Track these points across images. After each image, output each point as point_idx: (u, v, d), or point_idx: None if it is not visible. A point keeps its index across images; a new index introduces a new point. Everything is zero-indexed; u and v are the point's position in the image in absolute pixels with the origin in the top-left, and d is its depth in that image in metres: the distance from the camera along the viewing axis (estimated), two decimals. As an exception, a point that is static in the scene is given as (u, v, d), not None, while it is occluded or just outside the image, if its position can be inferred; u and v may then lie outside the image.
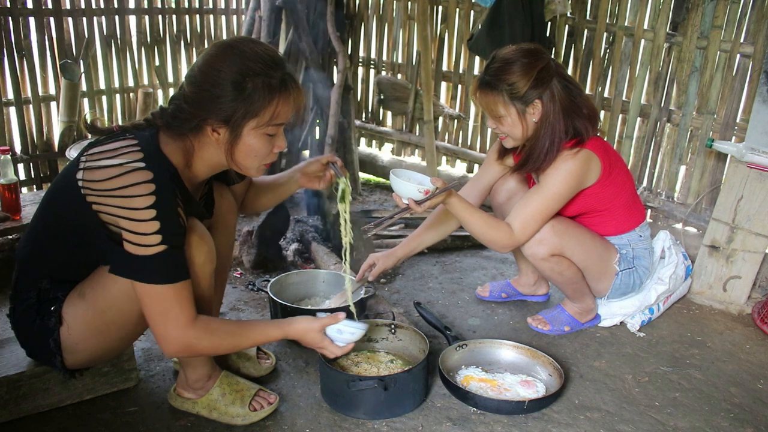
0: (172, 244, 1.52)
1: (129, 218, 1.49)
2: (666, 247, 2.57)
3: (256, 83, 1.54)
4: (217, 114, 1.56)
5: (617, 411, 2.01)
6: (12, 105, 3.41)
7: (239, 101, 1.54)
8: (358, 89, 4.42)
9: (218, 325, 1.64)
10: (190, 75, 1.60)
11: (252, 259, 2.81)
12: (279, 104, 1.58)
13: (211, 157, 1.65)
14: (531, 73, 2.06)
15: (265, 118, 1.58)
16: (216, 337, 1.62)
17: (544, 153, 2.12)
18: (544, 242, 2.19)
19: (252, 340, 1.69)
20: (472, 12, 3.79)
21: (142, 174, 1.50)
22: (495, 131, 2.22)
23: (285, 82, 1.59)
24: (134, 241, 1.50)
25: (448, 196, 2.07)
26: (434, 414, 1.95)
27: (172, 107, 1.62)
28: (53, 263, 1.67)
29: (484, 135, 4.00)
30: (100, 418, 1.86)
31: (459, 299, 2.71)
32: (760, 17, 2.85)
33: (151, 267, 1.51)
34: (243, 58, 1.55)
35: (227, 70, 1.54)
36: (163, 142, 1.60)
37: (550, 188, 2.14)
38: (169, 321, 1.55)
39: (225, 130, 1.58)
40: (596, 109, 2.25)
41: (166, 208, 1.51)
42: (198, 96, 1.56)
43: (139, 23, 3.85)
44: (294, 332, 1.73)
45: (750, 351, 2.41)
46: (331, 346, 1.75)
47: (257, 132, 1.59)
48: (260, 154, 1.64)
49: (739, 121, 2.99)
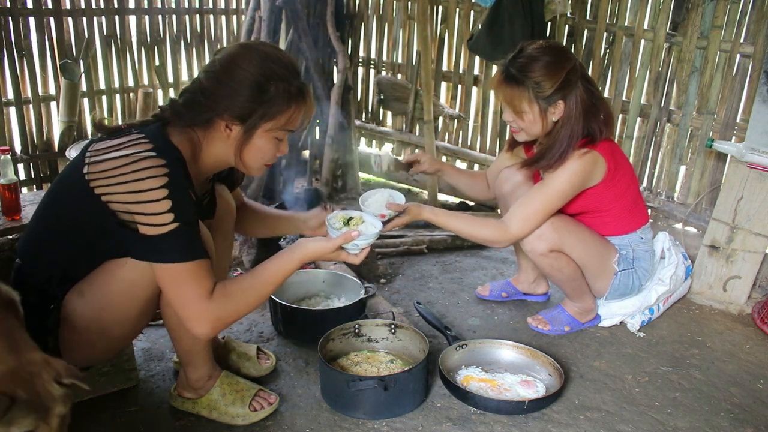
0: (185, 221, 1.50)
1: (141, 201, 1.48)
2: (666, 247, 2.57)
3: (278, 87, 1.57)
4: (234, 110, 1.57)
5: (617, 411, 2.01)
6: (12, 105, 3.42)
7: (259, 102, 1.57)
8: (358, 89, 4.41)
9: (235, 287, 1.60)
10: (209, 69, 1.62)
11: (252, 259, 2.81)
12: (295, 111, 1.62)
13: (218, 153, 1.66)
14: (559, 74, 2.06)
15: (280, 122, 1.61)
16: (238, 299, 1.58)
17: (560, 153, 2.13)
18: (543, 238, 2.19)
19: (273, 283, 1.65)
20: (472, 12, 3.79)
21: (154, 160, 1.50)
22: (511, 124, 2.22)
23: (303, 91, 1.64)
24: (147, 222, 1.49)
25: (417, 215, 2.08)
26: (434, 414, 1.95)
27: (184, 98, 1.63)
28: (56, 264, 1.66)
29: (484, 135, 4.00)
30: (100, 418, 1.86)
31: (459, 299, 2.72)
32: (760, 17, 2.85)
33: (166, 246, 1.50)
34: (267, 60, 1.58)
35: (250, 68, 1.56)
36: (170, 133, 1.61)
37: (553, 186, 2.15)
38: (189, 300, 1.53)
39: (239, 128, 1.59)
40: (612, 114, 2.26)
41: (178, 187, 1.51)
42: (216, 89, 1.58)
43: (139, 23, 3.85)
44: (311, 256, 1.69)
45: (750, 351, 2.41)
46: (349, 257, 1.73)
47: (269, 135, 1.62)
48: (266, 155, 1.67)
49: (739, 121, 2.99)
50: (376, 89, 4.35)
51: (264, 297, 1.66)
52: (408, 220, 2.06)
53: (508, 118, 2.20)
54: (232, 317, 1.61)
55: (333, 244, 1.69)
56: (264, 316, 2.47)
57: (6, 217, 2.57)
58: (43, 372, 1.25)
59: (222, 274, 2.04)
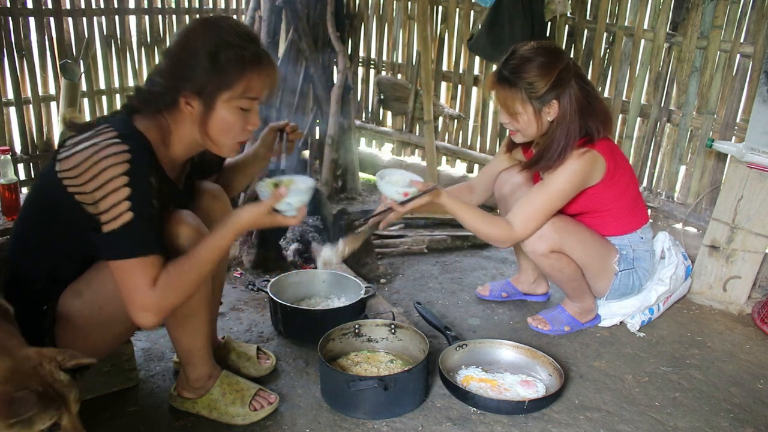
0: (139, 212, 1.49)
1: (103, 189, 1.47)
2: (666, 247, 2.57)
3: (229, 54, 1.54)
4: (190, 84, 1.55)
5: (617, 411, 2.01)
6: (12, 105, 3.41)
7: (212, 72, 1.54)
8: (358, 89, 4.41)
9: (176, 271, 1.56)
10: (166, 49, 1.62)
11: (252, 259, 2.81)
12: (252, 77, 1.58)
13: (187, 135, 1.64)
14: (551, 74, 2.07)
15: (238, 90, 1.57)
16: (180, 284, 1.55)
17: (557, 153, 2.13)
18: (544, 238, 2.19)
19: (212, 260, 1.61)
20: (472, 12, 3.79)
21: (116, 147, 1.49)
22: (507, 126, 2.22)
23: (258, 56, 1.59)
24: (106, 212, 1.48)
25: (437, 196, 2.06)
26: (434, 414, 1.95)
27: (147, 83, 1.62)
28: (40, 266, 1.67)
29: (484, 135, 4.00)
30: (100, 418, 1.86)
31: (459, 299, 2.71)
32: (760, 17, 2.85)
33: (119, 242, 1.49)
34: (218, 30, 1.56)
35: (202, 40, 1.55)
36: (137, 121, 1.60)
37: (554, 186, 2.15)
38: (134, 292, 1.51)
39: (198, 102, 1.57)
40: (610, 113, 2.26)
41: (139, 177, 1.49)
42: (172, 67, 1.57)
43: (139, 23, 3.85)
44: (246, 225, 1.65)
45: (750, 351, 2.41)
46: (286, 218, 1.68)
47: (230, 105, 1.58)
48: (233, 129, 1.62)
49: (739, 121, 2.99)
50: (376, 89, 4.35)
51: (205, 276, 1.63)
52: (425, 202, 2.03)
53: (504, 120, 2.20)
54: (176, 303, 1.59)
55: (264, 208, 1.63)
56: (264, 316, 2.47)
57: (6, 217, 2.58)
58: (43, 362, 1.25)
59: (220, 275, 2.05)
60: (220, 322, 2.39)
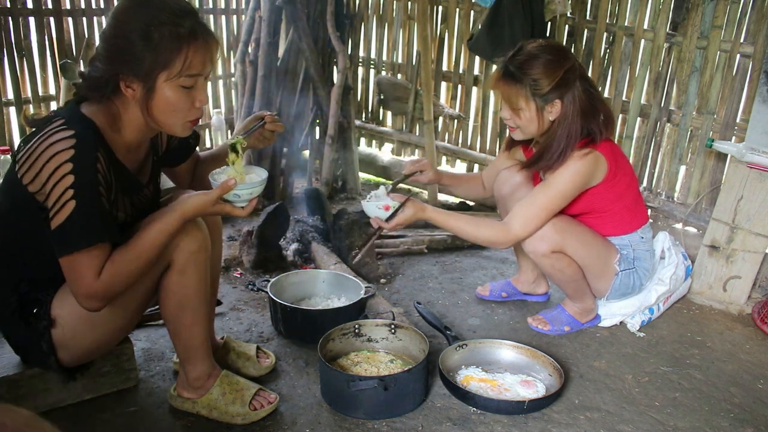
0: (84, 200, 1.47)
1: (51, 180, 1.47)
2: (666, 247, 2.57)
3: (162, 32, 1.50)
4: (129, 68, 1.52)
5: (617, 411, 2.01)
6: (12, 105, 3.41)
7: (147, 53, 1.50)
8: (358, 89, 4.42)
9: (121, 258, 1.55)
10: (101, 32, 1.59)
11: (252, 259, 2.81)
12: (189, 53, 1.53)
13: (137, 118, 1.61)
14: (557, 73, 2.07)
15: (176, 68, 1.53)
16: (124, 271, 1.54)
17: (558, 153, 2.13)
18: (545, 239, 2.19)
19: (157, 246, 1.59)
20: (472, 12, 3.79)
21: (62, 132, 1.49)
22: (508, 122, 2.22)
23: (194, 31, 1.54)
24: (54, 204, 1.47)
25: (422, 212, 2.09)
26: (434, 414, 1.95)
27: (88, 69, 1.60)
28: (25, 266, 1.67)
29: (484, 135, 4.00)
30: (100, 418, 1.86)
31: (459, 299, 2.71)
32: (760, 17, 2.85)
33: (65, 236, 1.48)
34: (150, 8, 1.52)
35: (134, 21, 1.51)
36: (84, 107, 1.59)
37: (555, 187, 2.15)
38: (79, 281, 1.51)
39: (138, 84, 1.54)
40: (613, 115, 2.27)
41: (84, 163, 1.48)
42: (108, 50, 1.55)
43: (139, 23, 3.84)
44: (192, 212, 1.62)
45: (750, 351, 2.41)
46: (235, 209, 1.67)
47: (171, 84, 1.54)
48: (179, 108, 1.58)
49: (739, 121, 2.99)
50: (376, 89, 4.35)
51: (151, 262, 1.61)
52: (410, 216, 2.07)
53: (505, 115, 2.20)
54: (122, 290, 1.58)
55: (212, 197, 1.61)
56: (264, 316, 2.47)
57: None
58: None
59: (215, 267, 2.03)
60: (220, 322, 2.39)
